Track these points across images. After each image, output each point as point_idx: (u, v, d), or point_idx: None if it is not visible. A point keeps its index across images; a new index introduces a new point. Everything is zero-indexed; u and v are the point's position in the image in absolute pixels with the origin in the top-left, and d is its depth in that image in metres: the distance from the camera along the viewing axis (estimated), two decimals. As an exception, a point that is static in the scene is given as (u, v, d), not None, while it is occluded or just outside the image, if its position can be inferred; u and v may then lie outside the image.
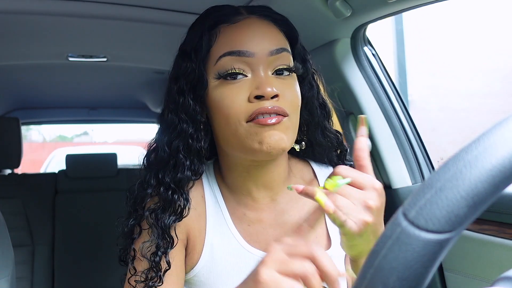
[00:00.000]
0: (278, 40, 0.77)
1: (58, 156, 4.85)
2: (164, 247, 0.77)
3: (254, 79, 0.74)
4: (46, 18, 1.35)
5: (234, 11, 0.80)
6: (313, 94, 0.85)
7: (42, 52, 1.77)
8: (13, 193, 2.29)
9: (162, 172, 0.79)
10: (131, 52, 1.82)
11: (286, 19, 0.83)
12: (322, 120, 0.86)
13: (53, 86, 2.60)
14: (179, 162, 0.78)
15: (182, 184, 0.79)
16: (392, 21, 7.58)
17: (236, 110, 0.73)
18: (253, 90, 0.72)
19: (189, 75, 0.78)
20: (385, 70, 1.42)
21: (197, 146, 0.79)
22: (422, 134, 1.44)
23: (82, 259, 2.32)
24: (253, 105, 0.72)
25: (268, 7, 0.83)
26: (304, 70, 0.82)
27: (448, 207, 0.28)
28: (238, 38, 0.75)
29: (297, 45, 0.83)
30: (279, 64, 0.76)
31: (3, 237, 0.93)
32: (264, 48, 0.75)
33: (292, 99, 0.75)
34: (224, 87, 0.75)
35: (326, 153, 0.89)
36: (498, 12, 9.10)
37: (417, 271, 0.29)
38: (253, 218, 0.82)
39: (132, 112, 3.22)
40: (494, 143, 0.29)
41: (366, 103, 1.36)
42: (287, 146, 0.74)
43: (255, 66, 0.74)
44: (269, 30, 0.78)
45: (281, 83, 0.75)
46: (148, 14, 1.33)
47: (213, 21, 0.78)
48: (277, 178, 0.82)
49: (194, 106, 0.78)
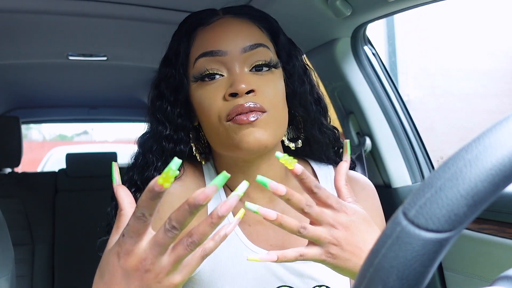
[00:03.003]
0: (253, 36, 0.77)
1: (56, 155, 4.83)
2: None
3: (229, 78, 0.74)
4: (46, 17, 1.35)
5: (211, 14, 0.80)
6: (306, 89, 0.83)
7: (42, 51, 1.77)
8: (13, 192, 2.29)
9: (132, 171, 0.81)
10: (131, 51, 1.82)
11: (266, 15, 0.82)
12: (318, 116, 0.85)
13: (53, 85, 2.60)
14: (149, 161, 0.80)
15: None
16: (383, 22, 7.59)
17: (215, 110, 0.73)
18: (227, 88, 0.73)
19: (169, 79, 0.80)
20: (385, 69, 1.42)
21: (176, 148, 0.80)
22: (420, 134, 1.44)
23: (82, 257, 2.32)
24: (229, 103, 0.72)
25: (247, 5, 0.83)
26: (290, 65, 0.82)
27: (448, 206, 0.28)
28: (211, 38, 0.76)
29: (279, 40, 0.81)
30: (256, 60, 0.75)
31: (3, 236, 0.93)
32: (236, 46, 0.75)
33: (271, 95, 0.74)
34: (202, 88, 0.75)
35: (324, 150, 0.88)
36: (495, 12, 9.10)
37: (417, 270, 0.29)
38: (253, 219, 0.82)
39: (132, 111, 3.22)
40: (494, 142, 0.29)
41: (366, 103, 1.37)
42: (269, 142, 0.73)
43: (229, 65, 0.74)
44: (243, 27, 0.78)
45: (259, 79, 0.75)
46: (148, 13, 1.33)
47: (191, 26, 0.79)
48: (272, 178, 0.81)
49: (172, 109, 0.80)
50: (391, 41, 8.23)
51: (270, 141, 0.73)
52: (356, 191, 0.86)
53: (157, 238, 0.47)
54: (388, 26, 8.05)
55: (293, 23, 1.23)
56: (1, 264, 0.90)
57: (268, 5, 1.14)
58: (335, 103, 1.47)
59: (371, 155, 1.41)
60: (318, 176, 0.88)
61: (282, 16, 1.18)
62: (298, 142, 0.85)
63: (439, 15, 8.69)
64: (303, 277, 0.77)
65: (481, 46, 9.19)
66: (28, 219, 2.28)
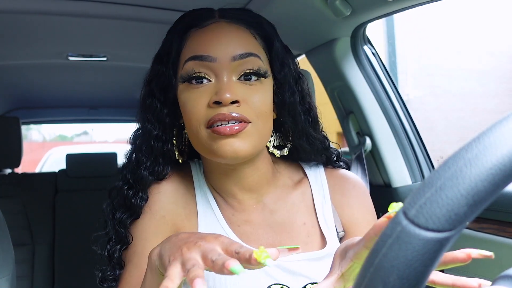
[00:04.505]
0: (245, 45, 0.76)
1: (54, 155, 4.82)
2: (115, 241, 0.79)
3: (216, 85, 0.73)
4: (46, 17, 1.35)
5: (206, 15, 0.79)
6: (295, 99, 0.82)
7: (42, 52, 1.77)
8: (13, 192, 2.29)
9: (126, 169, 0.82)
10: (131, 51, 1.82)
11: (262, 22, 0.81)
12: (307, 126, 0.84)
13: (53, 85, 2.60)
14: (140, 160, 0.81)
15: (143, 182, 0.80)
16: (383, 22, 7.59)
17: (197, 115, 0.73)
18: (212, 96, 0.72)
19: (159, 77, 0.80)
20: (385, 69, 1.42)
21: (164, 147, 0.80)
22: (419, 133, 1.44)
23: (82, 257, 2.32)
24: (212, 111, 0.71)
25: (244, 10, 0.82)
26: (282, 75, 0.80)
27: (448, 206, 0.28)
28: (203, 43, 0.75)
29: (273, 48, 0.80)
30: (245, 68, 0.74)
31: (3, 236, 0.93)
32: (227, 53, 0.74)
33: (257, 106, 0.74)
34: (188, 91, 0.75)
35: (312, 158, 0.89)
36: (494, 13, 9.10)
37: (417, 270, 0.29)
38: (241, 219, 0.82)
39: (132, 112, 3.19)
40: (495, 141, 0.29)
41: (366, 102, 1.37)
42: (248, 153, 0.73)
43: (218, 71, 0.74)
44: (236, 34, 0.77)
45: (246, 89, 0.74)
46: (147, 13, 1.32)
47: (185, 25, 0.79)
48: (258, 180, 0.82)
49: (161, 108, 0.80)
50: (391, 41, 8.24)
51: (248, 153, 0.73)
52: (347, 189, 0.86)
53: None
54: (388, 26, 8.06)
55: (292, 23, 1.23)
56: (1, 264, 0.89)
57: (268, 5, 1.14)
58: (335, 103, 1.47)
59: (371, 155, 1.41)
60: (309, 176, 0.88)
61: (282, 16, 1.18)
62: (284, 150, 0.85)
63: (439, 15, 8.70)
64: (296, 275, 0.77)
65: (481, 46, 9.19)
66: (28, 220, 2.28)
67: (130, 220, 0.80)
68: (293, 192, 0.85)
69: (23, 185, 2.34)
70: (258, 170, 0.81)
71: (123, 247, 0.79)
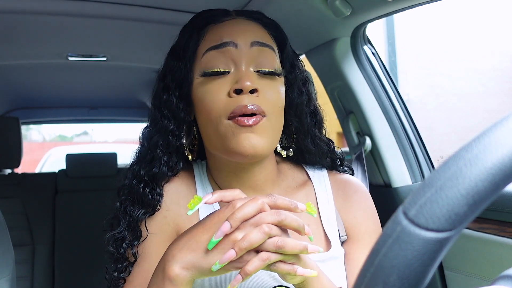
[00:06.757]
0: (262, 36, 0.79)
1: (54, 155, 4.81)
2: (130, 239, 0.78)
3: (235, 74, 0.75)
4: (45, 17, 1.35)
5: (224, 13, 0.82)
6: (303, 101, 0.84)
7: (42, 52, 1.76)
8: (13, 192, 2.29)
9: (138, 165, 0.82)
10: (131, 51, 1.82)
11: (276, 24, 0.83)
12: (312, 128, 0.86)
13: (53, 85, 2.60)
14: (156, 156, 0.80)
15: (157, 178, 0.80)
16: (383, 22, 7.60)
17: (218, 105, 0.74)
18: (233, 85, 0.73)
19: (175, 73, 0.80)
20: (385, 69, 1.42)
21: (178, 143, 0.81)
22: (419, 133, 1.44)
23: (82, 258, 2.32)
24: (233, 101, 0.72)
25: (259, 12, 0.84)
26: (292, 76, 0.83)
27: (448, 206, 0.28)
28: (222, 33, 0.77)
29: (285, 49, 0.83)
30: (261, 62, 0.76)
31: (3, 237, 0.93)
32: (246, 39, 0.76)
33: (272, 99, 0.75)
34: (207, 83, 0.76)
35: (317, 161, 0.89)
36: (494, 12, 9.11)
37: (417, 270, 0.29)
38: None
39: (132, 112, 3.22)
40: (495, 141, 0.29)
41: (366, 102, 1.36)
42: (264, 151, 0.74)
43: (237, 60, 0.75)
44: (254, 27, 0.80)
45: (262, 81, 0.76)
46: (147, 14, 1.32)
47: (202, 21, 0.81)
48: (264, 180, 0.82)
49: (177, 103, 0.80)
50: (391, 41, 8.24)
51: (265, 149, 0.74)
52: (349, 194, 0.86)
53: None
54: (388, 26, 8.06)
55: (292, 23, 1.23)
56: (2, 265, 0.89)
57: (268, 5, 1.14)
58: (335, 103, 1.47)
59: (371, 155, 1.41)
60: (312, 179, 0.88)
61: (282, 16, 1.18)
62: (289, 151, 0.86)
63: (439, 15, 8.70)
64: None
65: (481, 46, 9.19)
66: (28, 220, 2.28)
67: (147, 216, 0.79)
68: (297, 194, 0.85)
69: (23, 185, 2.34)
70: (265, 169, 0.81)
71: (138, 243, 0.79)
